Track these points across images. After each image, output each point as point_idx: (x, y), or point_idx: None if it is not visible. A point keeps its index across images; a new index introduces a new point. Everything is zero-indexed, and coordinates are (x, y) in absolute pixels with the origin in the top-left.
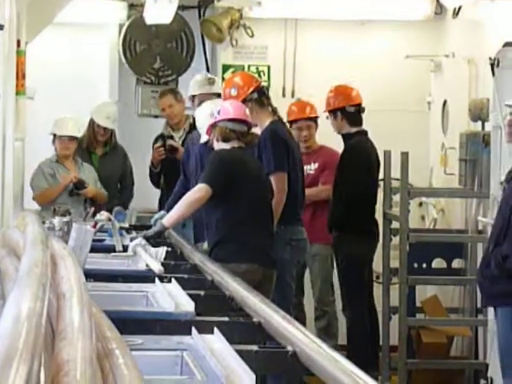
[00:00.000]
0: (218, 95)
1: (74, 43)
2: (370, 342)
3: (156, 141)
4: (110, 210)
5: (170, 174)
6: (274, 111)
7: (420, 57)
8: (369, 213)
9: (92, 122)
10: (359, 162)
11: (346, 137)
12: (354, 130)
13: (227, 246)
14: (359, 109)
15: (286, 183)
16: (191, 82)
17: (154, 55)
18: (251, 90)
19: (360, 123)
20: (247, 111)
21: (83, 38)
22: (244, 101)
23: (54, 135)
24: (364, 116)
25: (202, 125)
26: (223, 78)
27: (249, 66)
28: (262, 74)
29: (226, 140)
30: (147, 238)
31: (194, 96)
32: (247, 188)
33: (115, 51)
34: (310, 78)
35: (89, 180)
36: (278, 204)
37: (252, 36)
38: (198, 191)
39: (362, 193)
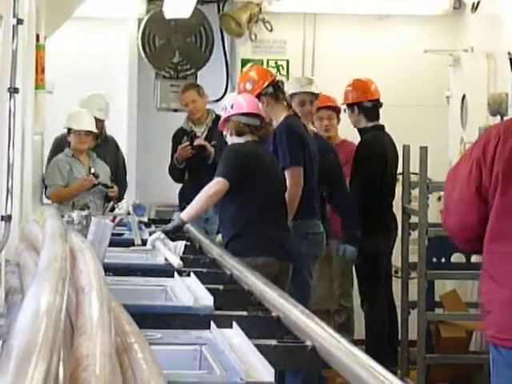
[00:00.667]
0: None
1: (93, 38)
2: (389, 337)
3: (176, 135)
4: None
5: (194, 170)
6: (290, 106)
7: (439, 51)
8: (384, 207)
9: None
10: (374, 156)
11: (362, 131)
12: (370, 124)
13: (243, 240)
14: (377, 103)
15: (302, 177)
16: (292, 80)
17: (173, 49)
18: (266, 84)
19: (377, 118)
20: (260, 105)
21: (102, 32)
22: (259, 95)
23: (69, 129)
24: (383, 111)
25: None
26: (242, 72)
27: (268, 61)
28: (280, 68)
29: (239, 134)
30: (166, 233)
31: (293, 94)
32: (261, 182)
33: (134, 45)
34: (329, 73)
35: (104, 175)
36: (294, 198)
37: (271, 30)
38: (216, 185)
39: (376, 186)
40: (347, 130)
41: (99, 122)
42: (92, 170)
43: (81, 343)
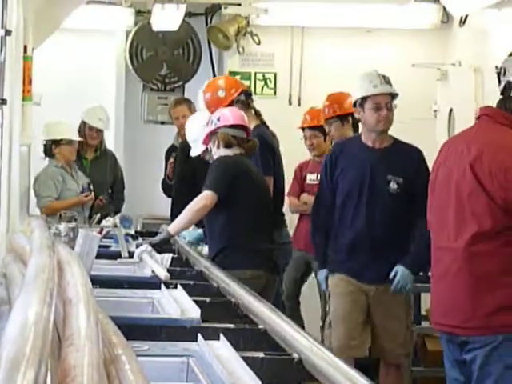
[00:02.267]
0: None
1: (80, 49)
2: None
3: (168, 152)
4: (104, 216)
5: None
6: (258, 114)
7: (426, 65)
8: None
9: (83, 126)
10: None
11: None
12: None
13: (231, 253)
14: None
15: (272, 186)
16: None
17: (160, 62)
18: (239, 91)
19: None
20: (246, 118)
21: (90, 44)
22: (232, 103)
23: (54, 141)
24: None
25: (197, 136)
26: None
27: (255, 73)
28: (268, 81)
29: (228, 146)
30: (153, 245)
31: (364, 98)
32: (250, 195)
33: (122, 57)
34: (317, 86)
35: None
36: None
37: (259, 43)
38: (204, 198)
39: None
40: None
41: (99, 133)
42: (91, 187)
43: (68, 354)
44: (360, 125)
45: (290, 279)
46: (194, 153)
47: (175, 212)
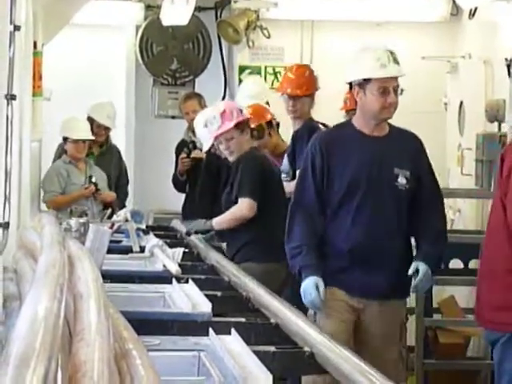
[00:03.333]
0: None
1: (90, 44)
2: None
3: (179, 148)
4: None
5: (195, 182)
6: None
7: (436, 58)
8: None
9: (91, 122)
10: None
11: None
12: None
13: (255, 247)
14: None
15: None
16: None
17: (170, 56)
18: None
19: None
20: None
21: (100, 39)
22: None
23: (65, 138)
24: None
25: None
26: (240, 80)
27: (265, 67)
28: (278, 75)
29: (261, 137)
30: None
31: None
32: (273, 190)
33: (132, 52)
34: (327, 79)
35: (101, 182)
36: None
37: (269, 37)
38: (246, 209)
39: None
40: None
41: (105, 130)
42: (93, 180)
43: (79, 349)
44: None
45: None
46: (205, 148)
47: (190, 206)
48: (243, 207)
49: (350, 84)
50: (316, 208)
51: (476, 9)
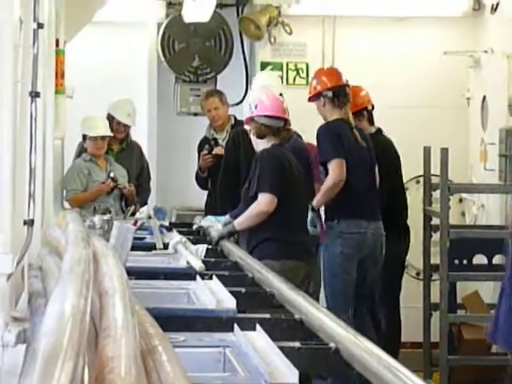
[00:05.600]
0: None
1: (112, 42)
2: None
3: (201, 145)
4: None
5: (216, 179)
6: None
7: (458, 53)
8: (404, 208)
9: (111, 119)
10: (394, 161)
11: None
12: (373, 129)
13: (274, 244)
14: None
15: (344, 170)
16: None
17: (192, 53)
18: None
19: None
20: (285, 105)
21: (122, 36)
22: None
23: (84, 135)
24: (403, 112)
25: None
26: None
27: (287, 64)
28: (300, 71)
29: (260, 137)
30: (222, 237)
31: None
32: (292, 187)
33: (154, 50)
34: (349, 75)
35: (120, 178)
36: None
37: (290, 33)
38: (265, 204)
39: (402, 191)
40: None
41: (125, 127)
42: (111, 175)
43: (106, 345)
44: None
45: None
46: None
47: (212, 203)
48: (263, 202)
49: None
50: None
51: (498, 3)
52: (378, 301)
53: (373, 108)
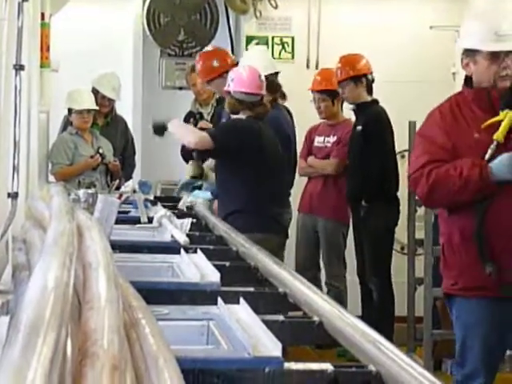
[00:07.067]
0: None
1: (97, 15)
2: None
3: (186, 119)
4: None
5: (202, 152)
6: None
7: (444, 27)
8: (397, 181)
9: (95, 93)
10: (389, 131)
11: (362, 106)
12: (369, 98)
13: (242, 216)
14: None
15: None
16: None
17: (177, 27)
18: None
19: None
20: (262, 78)
21: (107, 10)
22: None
23: (70, 109)
24: (389, 87)
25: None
26: (247, 50)
27: (273, 38)
28: (286, 45)
29: (234, 112)
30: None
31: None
32: (262, 157)
33: (139, 24)
34: (335, 49)
35: (107, 152)
36: None
37: (276, 7)
38: (199, 138)
39: (394, 161)
40: None
41: (110, 101)
42: (100, 151)
43: (89, 317)
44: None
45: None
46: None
47: None
48: (197, 135)
49: None
50: None
51: None
52: (368, 271)
53: (373, 81)
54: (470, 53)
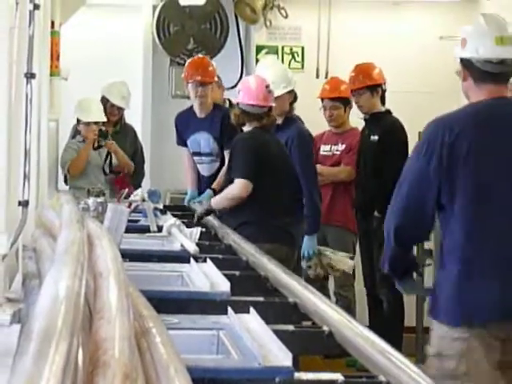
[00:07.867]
0: None
1: (107, 24)
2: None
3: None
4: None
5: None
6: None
7: (454, 38)
8: None
9: (105, 102)
10: (406, 141)
11: (376, 116)
12: (383, 109)
13: (251, 227)
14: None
15: None
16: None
17: (187, 36)
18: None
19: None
20: (270, 91)
21: (117, 18)
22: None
23: (79, 119)
24: (398, 97)
25: (274, 78)
26: (257, 60)
27: (282, 47)
28: (295, 55)
29: (240, 124)
30: (200, 217)
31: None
32: (270, 170)
33: (149, 32)
34: (344, 59)
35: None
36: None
37: (286, 17)
38: (240, 189)
39: None
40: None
41: (119, 110)
42: (103, 129)
43: (100, 327)
44: None
45: None
46: (276, 93)
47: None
48: (237, 187)
49: None
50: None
51: None
52: (379, 283)
53: (385, 91)
54: None
